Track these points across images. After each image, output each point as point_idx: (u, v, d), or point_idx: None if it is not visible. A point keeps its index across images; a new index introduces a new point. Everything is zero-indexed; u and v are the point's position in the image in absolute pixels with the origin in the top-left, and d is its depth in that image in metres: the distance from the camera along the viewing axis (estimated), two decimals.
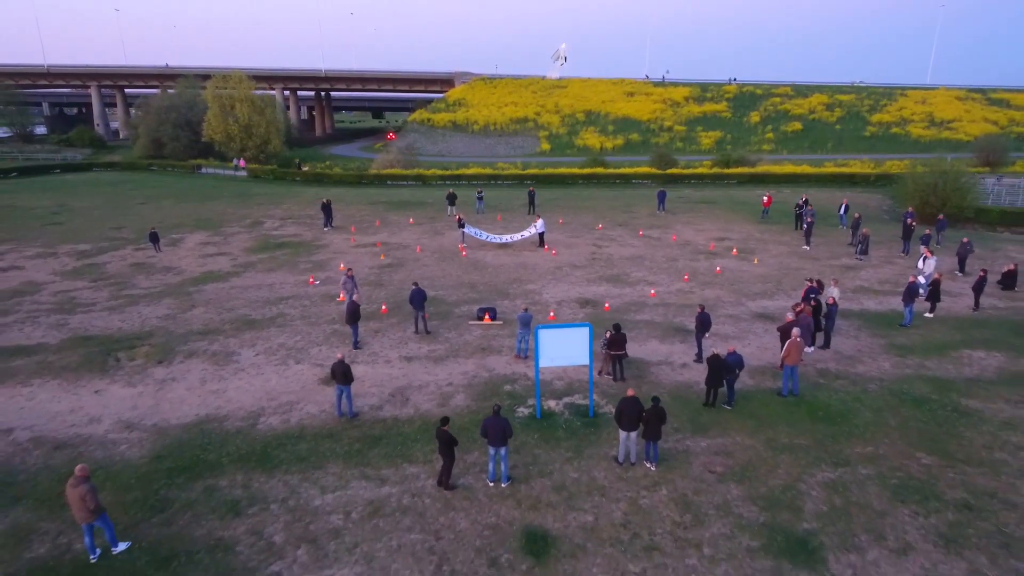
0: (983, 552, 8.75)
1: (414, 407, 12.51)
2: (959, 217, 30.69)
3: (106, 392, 13.06)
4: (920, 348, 15.39)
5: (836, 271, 21.68)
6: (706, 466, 10.63)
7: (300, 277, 21.36)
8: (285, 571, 8.36)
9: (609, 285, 20.36)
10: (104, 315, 17.56)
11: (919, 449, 11.14)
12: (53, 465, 10.58)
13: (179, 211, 34.26)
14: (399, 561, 8.54)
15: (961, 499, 9.84)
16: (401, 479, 10.24)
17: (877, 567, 8.48)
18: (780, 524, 9.24)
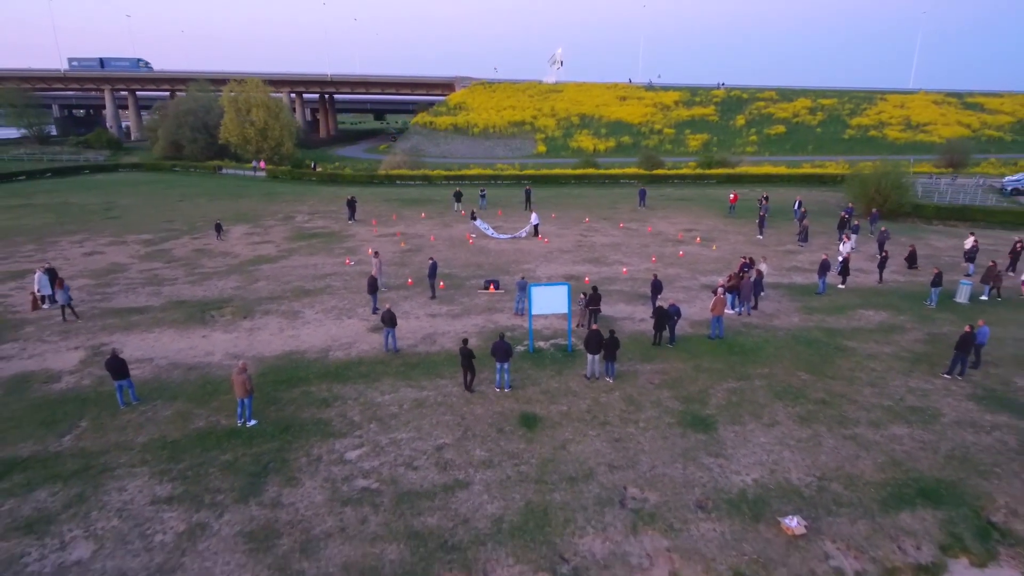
0: (824, 425, 13.29)
1: (440, 346, 17.03)
2: (899, 212, 35.31)
3: (210, 336, 17.58)
4: (825, 309, 19.98)
5: (779, 254, 26.28)
6: (648, 379, 15.16)
7: (337, 259, 25.92)
8: (365, 434, 12.85)
9: (590, 265, 24.92)
10: (187, 286, 22.09)
11: (801, 370, 15.68)
12: (191, 379, 15.07)
13: (216, 207, 38.77)
14: (438, 430, 13.04)
15: (820, 398, 14.39)
16: (435, 387, 14.75)
17: (752, 433, 13.00)
18: (691, 410, 13.77)
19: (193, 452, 12.17)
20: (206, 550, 9.74)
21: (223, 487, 11.16)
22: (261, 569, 9.39)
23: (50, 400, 14.14)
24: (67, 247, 28.36)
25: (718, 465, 11.94)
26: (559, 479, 11.49)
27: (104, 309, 19.82)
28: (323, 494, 11.03)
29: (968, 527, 10.50)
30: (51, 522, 10.31)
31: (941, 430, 13.18)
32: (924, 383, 15.12)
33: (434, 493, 11.09)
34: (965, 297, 20.31)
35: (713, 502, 10.94)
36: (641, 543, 10.05)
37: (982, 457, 12.29)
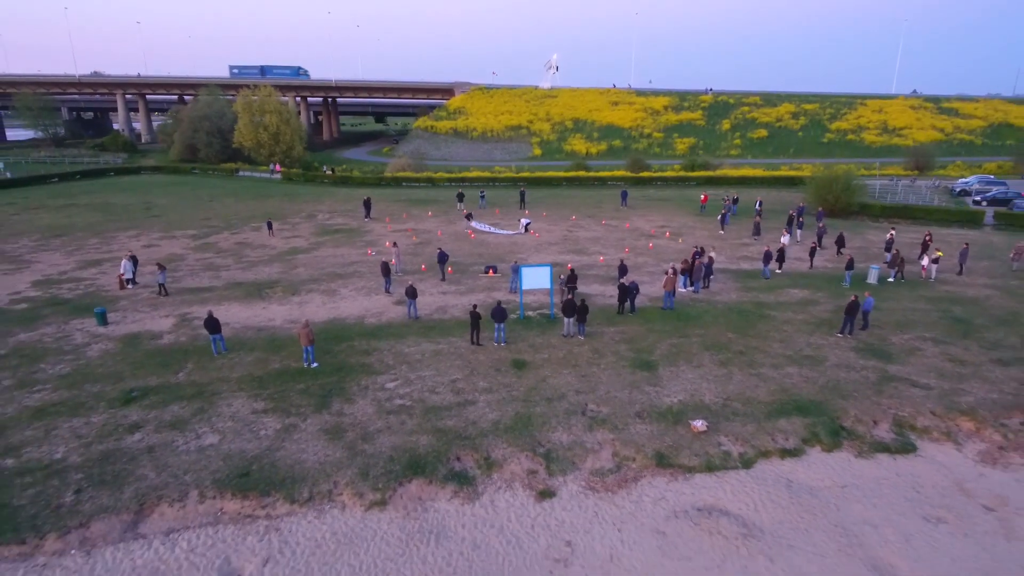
0: (736, 367, 17.96)
1: (450, 315, 21.69)
2: (848, 211, 40.03)
3: (269, 308, 22.23)
4: (761, 288, 24.69)
5: (734, 246, 31.01)
6: (611, 337, 19.83)
7: (359, 250, 30.58)
8: (398, 372, 17.46)
9: (573, 255, 29.60)
10: (239, 271, 26.73)
11: (729, 331, 20.37)
12: (261, 337, 19.71)
13: (244, 207, 43.39)
14: (451, 370, 17.66)
15: (739, 349, 19.07)
16: (448, 342, 19.40)
17: (683, 372, 17.65)
18: (640, 357, 18.43)
19: (275, 383, 16.81)
20: (298, 439, 14.37)
21: (302, 404, 15.80)
22: (337, 449, 14.02)
23: (160, 350, 18.79)
24: (125, 241, 32.99)
25: (655, 391, 16.62)
26: (539, 399, 16.15)
27: (178, 288, 24.45)
28: (372, 408, 15.68)
29: (825, 428, 15.17)
30: (186, 424, 14.94)
31: (823, 370, 17.87)
32: (821, 340, 19.83)
33: (451, 407, 15.74)
34: (874, 279, 25.02)
35: (647, 413, 15.61)
36: (594, 436, 14.71)
37: (847, 387, 16.98)
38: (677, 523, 12.27)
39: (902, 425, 15.45)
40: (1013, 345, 19.55)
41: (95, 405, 15.69)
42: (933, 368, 18.06)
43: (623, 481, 13.43)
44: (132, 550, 11.37)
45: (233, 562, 11.12)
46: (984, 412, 15.88)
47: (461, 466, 13.67)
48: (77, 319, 21.21)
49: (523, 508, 12.59)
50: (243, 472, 13.16)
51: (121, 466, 13.36)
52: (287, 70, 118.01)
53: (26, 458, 13.62)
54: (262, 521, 12.09)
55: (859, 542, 11.82)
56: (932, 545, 11.78)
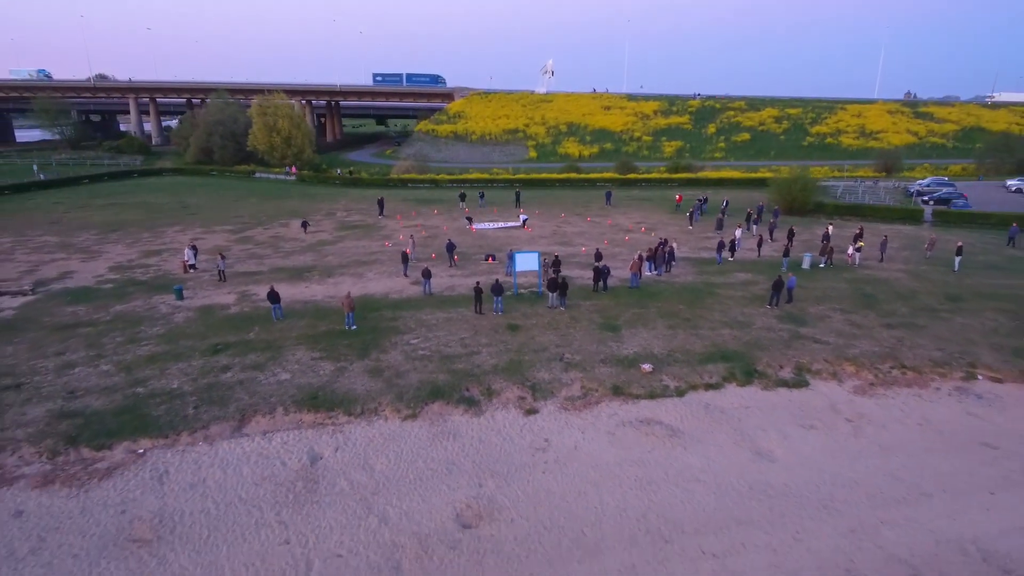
0: (682, 329, 23.08)
1: (458, 292, 26.79)
2: (806, 209, 45.19)
3: (310, 287, 27.32)
4: (713, 272, 29.83)
5: (699, 239, 36.17)
6: (586, 309, 24.95)
7: (378, 243, 35.67)
8: (419, 332, 22.52)
9: (560, 246, 34.71)
10: (279, 259, 31.79)
11: (681, 304, 25.50)
12: (308, 308, 24.78)
13: (269, 206, 48.43)
14: (460, 331, 22.74)
15: (686, 317, 24.14)
16: (457, 312, 24.47)
17: (639, 332, 22.75)
18: (608, 323, 23.54)
19: (325, 340, 21.88)
20: (349, 376, 19.43)
21: (348, 353, 20.87)
22: (378, 382, 19.08)
23: (230, 318, 23.86)
24: (174, 235, 38.05)
25: (616, 345, 21.72)
26: (528, 351, 21.24)
27: (230, 273, 29.49)
28: (401, 356, 20.75)
29: (741, 370, 20.27)
30: (264, 366, 19.99)
31: (749, 331, 23.00)
32: (752, 311, 24.97)
33: (460, 356, 20.82)
34: (808, 264, 30.18)
35: (609, 360, 20.71)
36: (568, 375, 19.80)
37: (765, 343, 22.11)
38: (624, 428, 17.36)
39: (801, 369, 20.58)
40: (902, 314, 24.73)
41: (191, 354, 20.76)
42: (835, 330, 23.23)
43: (587, 404, 18.52)
44: (241, 443, 16.41)
45: (315, 449, 16.17)
46: (864, 360, 21.04)
47: (470, 394, 18.74)
48: (157, 295, 26.29)
49: (515, 420, 17.66)
50: (312, 396, 18.23)
51: (222, 392, 18.42)
52: (425, 77, 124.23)
53: (152, 387, 18.67)
54: (330, 427, 17.15)
55: (750, 439, 16.93)
56: (801, 440, 16.89)
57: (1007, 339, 22.57)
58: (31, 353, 20.78)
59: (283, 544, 12.92)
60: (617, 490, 14.70)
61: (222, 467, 15.33)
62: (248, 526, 13.41)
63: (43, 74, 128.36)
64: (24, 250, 34.41)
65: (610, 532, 13.39)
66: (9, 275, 29.37)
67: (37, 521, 13.50)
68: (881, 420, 17.93)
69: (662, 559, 12.71)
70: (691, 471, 15.50)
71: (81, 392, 18.33)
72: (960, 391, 19.54)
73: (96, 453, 15.74)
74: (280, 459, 15.69)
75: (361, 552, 12.74)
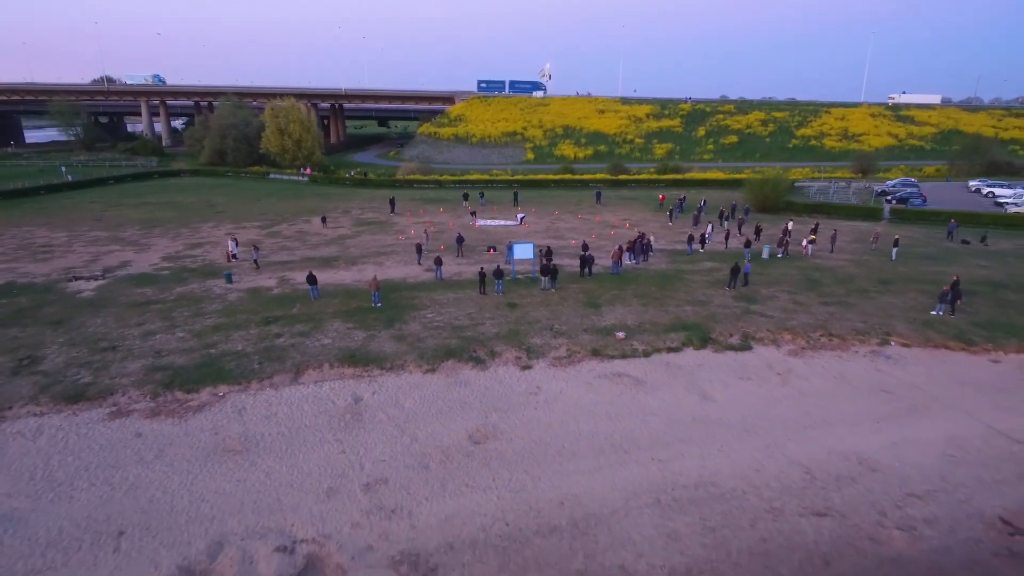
0: (652, 307, 27.70)
1: (465, 277, 31.40)
2: (777, 207, 49.80)
3: (338, 273, 31.90)
4: (684, 261, 34.45)
5: (676, 233, 40.77)
6: (573, 291, 29.57)
7: (392, 237, 40.26)
8: (433, 308, 27.11)
9: (553, 239, 39.32)
10: (307, 251, 36.35)
11: (653, 287, 30.12)
12: (339, 290, 29.36)
13: (288, 205, 52.98)
14: (467, 308, 27.34)
15: (657, 297, 28.78)
16: (464, 293, 29.08)
17: (617, 308, 27.35)
18: (591, 301, 28.16)
19: (357, 315, 26.45)
20: (378, 341, 23.99)
21: (376, 324, 25.44)
22: (403, 346, 23.64)
23: (275, 296, 28.43)
24: (209, 230, 42.61)
25: (597, 319, 26.32)
26: (524, 323, 25.83)
27: (267, 262, 34.07)
28: (420, 326, 25.33)
29: (698, 337, 24.86)
30: (309, 334, 24.56)
31: (708, 308, 27.60)
32: (713, 292, 29.59)
33: (468, 326, 25.39)
34: (767, 254, 34.82)
35: (590, 330, 25.31)
36: (556, 341, 24.38)
37: (720, 317, 26.71)
38: (599, 380, 21.95)
39: (747, 336, 25.18)
40: (839, 294, 29.38)
41: (248, 324, 25.34)
42: (780, 307, 27.86)
43: (571, 362, 23.10)
44: (299, 389, 20.96)
45: (357, 393, 20.74)
46: (800, 329, 25.66)
47: (477, 354, 23.31)
48: (209, 280, 30.87)
49: (513, 373, 22.23)
50: (351, 355, 22.80)
51: (278, 352, 22.99)
52: (528, 84, 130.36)
53: (221, 349, 23.24)
54: (367, 378, 21.71)
55: (698, 387, 21.52)
56: (738, 388, 21.49)
57: (920, 314, 27.21)
58: (117, 324, 25.34)
59: (340, 453, 17.49)
60: (591, 420, 19.29)
61: (287, 404, 19.91)
62: (313, 442, 17.98)
63: (158, 79, 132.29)
64: (80, 243, 38.97)
65: (584, 447, 17.98)
66: (76, 264, 33.95)
67: (153, 440, 18.06)
68: (805, 374, 22.55)
69: (621, 463, 17.30)
70: (649, 408, 20.10)
71: (166, 352, 22.90)
72: (874, 353, 24.16)
73: (187, 395, 20.30)
74: (331, 399, 20.27)
75: (399, 458, 17.31)
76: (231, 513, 15.01)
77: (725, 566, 13.77)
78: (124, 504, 15.30)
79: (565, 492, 16.01)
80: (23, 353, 22.60)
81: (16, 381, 20.73)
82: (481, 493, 15.92)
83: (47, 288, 29.66)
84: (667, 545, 14.30)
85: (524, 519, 15.03)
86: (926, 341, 24.97)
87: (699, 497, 15.90)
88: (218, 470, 16.69)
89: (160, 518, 14.80)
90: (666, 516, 15.22)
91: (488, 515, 15.13)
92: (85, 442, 17.80)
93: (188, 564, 13.50)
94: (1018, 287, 30.51)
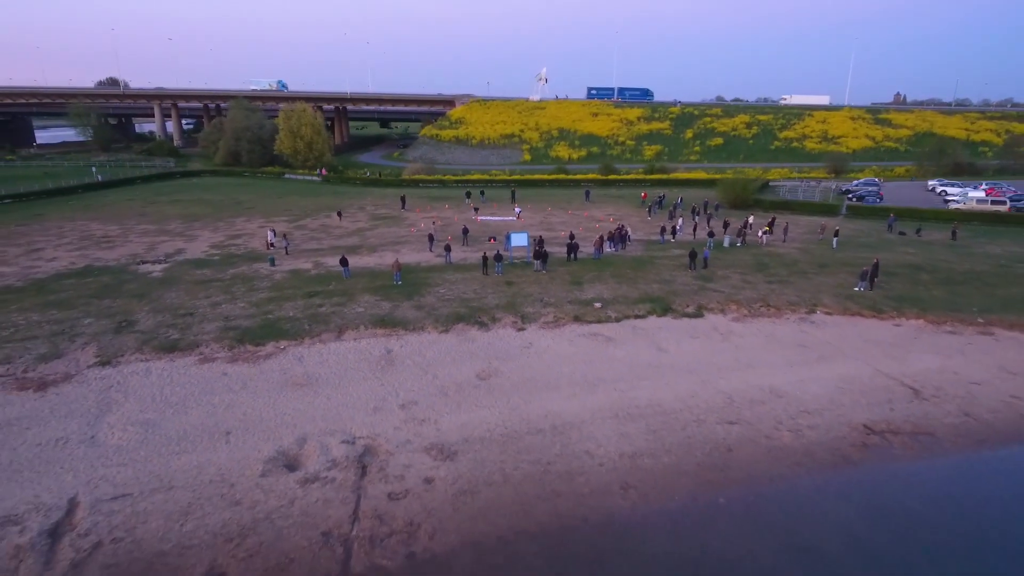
0: (625, 285, 33.55)
1: (470, 261, 37.21)
2: (747, 204, 55.63)
3: (362, 258, 37.69)
4: (656, 249, 40.30)
5: (652, 226, 46.65)
6: (561, 272, 35.41)
7: (405, 229, 46.04)
8: (445, 286, 32.93)
9: (545, 231, 45.15)
10: (332, 240, 42.12)
11: (628, 269, 35.98)
12: (365, 271, 35.16)
13: (308, 202, 58.72)
14: (472, 286, 33.15)
15: (630, 276, 34.62)
16: (470, 274, 34.89)
17: (596, 286, 33.20)
18: (575, 280, 34.01)
19: (382, 290, 32.25)
20: (401, 310, 29.79)
21: (399, 297, 31.25)
22: (421, 313, 29.42)
23: (313, 276, 34.21)
24: (243, 224, 48.33)
25: (579, 293, 32.15)
26: (519, 297, 31.65)
27: (301, 249, 39.83)
28: (435, 299, 31.13)
29: (660, 308, 30.69)
30: (345, 304, 30.34)
31: (671, 285, 33.44)
32: (677, 274, 35.42)
33: (474, 299, 31.20)
34: (727, 243, 40.67)
35: (573, 301, 31.15)
36: (545, 310, 30.20)
37: (680, 292, 32.55)
38: (579, 338, 27.74)
39: (700, 307, 31.00)
40: (782, 275, 35.24)
41: (294, 297, 31.11)
42: (731, 285, 33.71)
43: (557, 325, 28.90)
44: (343, 343, 26.71)
45: (388, 346, 26.52)
46: (744, 301, 31.51)
47: (481, 320, 29.09)
48: (255, 263, 36.65)
49: (510, 333, 28.02)
50: (381, 320, 28.57)
51: (323, 318, 28.76)
52: (637, 91, 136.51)
53: (277, 315, 29.01)
54: (394, 336, 27.47)
55: (656, 343, 27.33)
56: (687, 343, 27.30)
57: (846, 290, 33.09)
58: (188, 296, 31.11)
59: (380, 386, 23.27)
60: (570, 365, 25.10)
61: (335, 354, 25.70)
62: (358, 379, 23.76)
63: (282, 85, 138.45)
64: (134, 234, 44.73)
65: (564, 382, 23.78)
66: (138, 251, 39.73)
67: (237, 377, 23.81)
68: (742, 334, 28.40)
69: (591, 392, 23.09)
70: (616, 357, 25.92)
71: (233, 317, 28.68)
72: (801, 320, 30.02)
73: (256, 348, 26.07)
74: (368, 351, 26.07)
75: (424, 389, 23.08)
76: (306, 421, 20.80)
77: (659, 451, 19.63)
78: (226, 416, 21.07)
79: (548, 410, 21.83)
80: (120, 318, 28.38)
81: (121, 337, 26.50)
82: (487, 410, 21.73)
83: (121, 270, 35.43)
84: (620, 440, 20.14)
85: (518, 425, 20.84)
86: (845, 310, 30.85)
87: (646, 413, 21.74)
88: (291, 396, 22.47)
89: (255, 424, 20.58)
90: (621, 424, 21.06)
91: (492, 423, 20.94)
92: (185, 378, 23.57)
93: (283, 450, 19.27)
94: (932, 269, 36.45)
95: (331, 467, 18.46)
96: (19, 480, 17.57)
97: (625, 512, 17.19)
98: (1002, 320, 29.65)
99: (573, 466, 18.88)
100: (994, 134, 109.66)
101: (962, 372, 24.93)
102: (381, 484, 17.83)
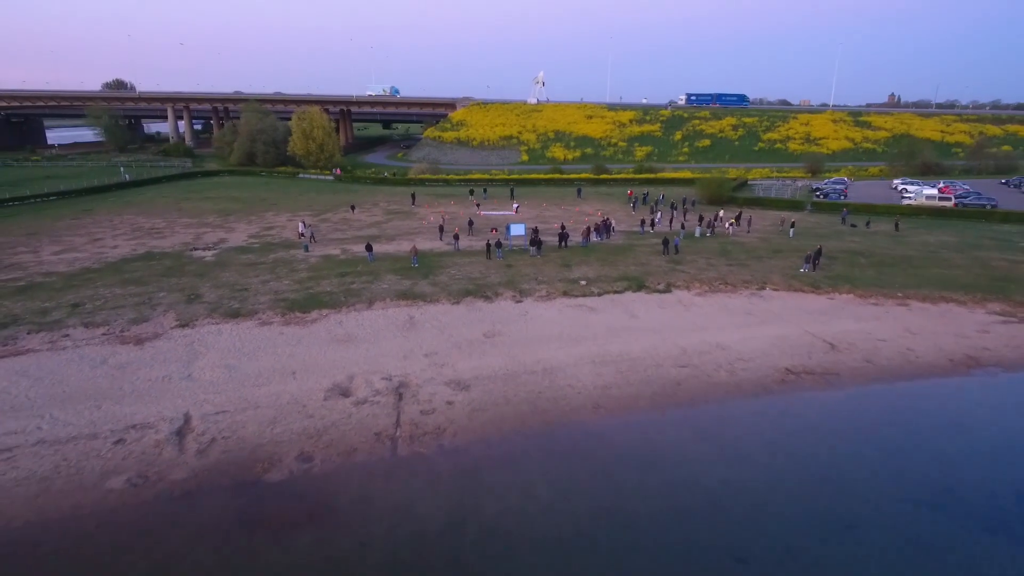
0: (607, 267, 39.64)
1: (476, 248, 43.26)
2: (723, 200, 61.71)
3: (383, 246, 43.72)
4: (636, 238, 46.41)
5: (635, 220, 52.81)
6: (553, 257, 41.51)
7: (416, 222, 52.11)
8: (454, 268, 39.01)
9: (540, 223, 51.24)
10: (354, 232, 48.16)
11: (610, 255, 42.08)
12: (386, 256, 41.23)
13: (326, 199, 64.71)
14: (478, 268, 39.22)
15: (612, 260, 40.73)
16: (476, 258, 40.96)
17: (583, 268, 39.32)
18: (564, 263, 40.11)
19: (402, 271, 38.27)
20: (419, 286, 35.84)
21: (416, 276, 37.29)
22: (436, 289, 35.48)
23: (341, 260, 40.25)
24: (272, 217, 54.33)
25: (568, 274, 38.22)
26: (518, 276, 37.71)
27: (328, 238, 45.85)
28: (447, 278, 37.18)
29: (636, 285, 36.77)
30: (372, 282, 36.38)
31: (647, 267, 39.53)
32: (652, 258, 41.52)
33: (479, 278, 37.25)
34: (698, 233, 46.78)
35: (563, 280, 37.24)
36: (539, 287, 36.29)
37: (653, 272, 38.63)
38: (567, 308, 33.80)
39: (669, 284, 37.07)
40: (742, 259, 41.35)
41: (329, 276, 37.14)
42: (697, 267, 39.80)
43: (548, 299, 34.95)
44: (373, 311, 32.72)
45: (410, 314, 32.57)
46: (706, 280, 37.59)
47: (486, 294, 35.13)
48: (291, 250, 42.67)
49: (510, 305, 34.05)
50: (403, 294, 34.61)
51: (355, 292, 34.77)
52: (733, 97, 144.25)
53: (316, 291, 35.03)
54: (415, 306, 33.49)
55: (629, 312, 33.38)
56: (656, 312, 33.36)
57: (792, 271, 39.21)
58: (240, 276, 37.14)
59: (406, 341, 29.33)
60: (559, 327, 31.15)
61: (368, 319, 31.74)
62: (388, 337, 29.80)
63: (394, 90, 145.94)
64: (178, 227, 50.73)
65: (554, 338, 29.83)
66: (187, 240, 45.75)
67: (291, 335, 29.83)
68: (701, 305, 34.49)
69: (574, 346, 29.13)
70: (596, 322, 32.00)
71: (280, 292, 34.71)
72: (752, 295, 36.11)
73: (303, 314, 32.10)
74: (395, 317, 32.12)
75: (443, 345, 29.11)
76: (352, 365, 26.84)
77: (624, 384, 25.70)
78: (289, 361, 27.10)
79: (540, 358, 27.88)
80: (188, 292, 34.40)
81: (192, 306, 32.52)
82: (492, 358, 27.79)
83: (177, 255, 41.46)
84: (595, 378, 26.21)
85: (516, 368, 26.90)
86: (789, 287, 36.96)
87: (617, 360, 27.81)
88: (337, 348, 28.51)
89: (313, 367, 26.61)
90: (596, 367, 27.13)
91: (496, 367, 27.00)
92: (250, 336, 29.58)
93: (337, 384, 25.31)
94: (870, 254, 42.60)
95: (376, 394, 24.51)
96: (144, 402, 23.61)
97: (596, 423, 23.27)
98: (917, 294, 35.78)
99: (558, 394, 24.93)
100: (967, 135, 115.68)
101: (873, 332, 31.03)
102: (414, 405, 23.89)
